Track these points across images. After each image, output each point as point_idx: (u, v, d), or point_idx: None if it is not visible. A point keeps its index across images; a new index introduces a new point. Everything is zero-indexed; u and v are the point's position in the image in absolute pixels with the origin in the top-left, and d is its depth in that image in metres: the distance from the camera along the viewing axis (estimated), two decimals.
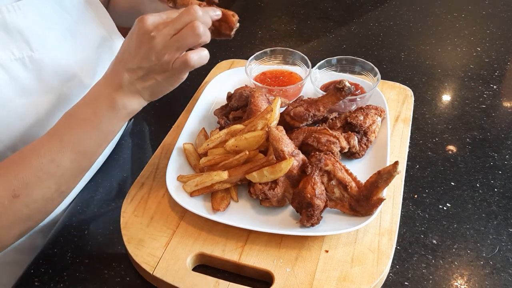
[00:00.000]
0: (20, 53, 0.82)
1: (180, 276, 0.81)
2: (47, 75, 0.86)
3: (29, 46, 0.83)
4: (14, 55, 0.82)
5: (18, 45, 0.82)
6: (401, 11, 1.63)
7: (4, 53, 0.80)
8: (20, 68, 0.82)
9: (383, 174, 0.83)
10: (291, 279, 0.80)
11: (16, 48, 0.82)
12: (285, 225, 0.87)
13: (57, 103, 0.89)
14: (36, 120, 0.86)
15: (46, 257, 0.91)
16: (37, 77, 0.85)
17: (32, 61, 0.83)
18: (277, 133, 0.88)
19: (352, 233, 0.86)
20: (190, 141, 1.04)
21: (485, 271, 0.84)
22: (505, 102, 1.24)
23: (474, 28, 1.52)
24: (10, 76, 0.81)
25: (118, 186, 1.05)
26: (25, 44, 0.83)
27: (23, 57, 0.82)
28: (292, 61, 1.20)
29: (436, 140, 1.11)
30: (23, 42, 0.82)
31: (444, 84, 1.30)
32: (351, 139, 0.97)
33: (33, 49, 0.83)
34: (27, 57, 0.83)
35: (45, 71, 0.85)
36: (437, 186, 1.00)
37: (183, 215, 0.92)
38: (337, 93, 0.98)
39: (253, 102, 1.01)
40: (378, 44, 1.47)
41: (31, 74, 0.84)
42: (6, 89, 0.81)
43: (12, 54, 0.81)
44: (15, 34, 0.82)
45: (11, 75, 0.81)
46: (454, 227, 0.92)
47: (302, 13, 1.66)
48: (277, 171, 0.86)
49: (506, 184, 1.00)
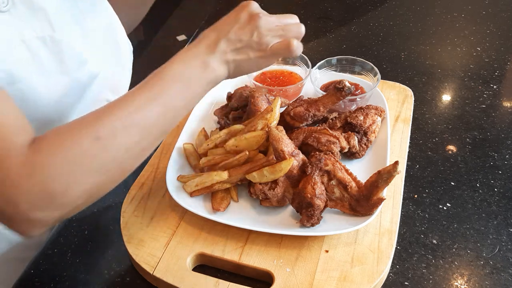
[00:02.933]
0: (42, 32, 0.82)
1: (180, 276, 0.81)
2: (64, 57, 0.86)
3: (51, 25, 0.83)
4: (36, 33, 0.81)
5: (41, 23, 0.82)
6: (401, 11, 1.63)
7: (28, 30, 0.80)
8: (41, 47, 0.82)
9: (383, 174, 0.83)
10: (291, 279, 0.80)
11: (39, 26, 0.82)
12: (285, 225, 0.87)
13: (71, 86, 0.89)
14: (51, 100, 0.85)
15: (46, 257, 0.91)
16: (56, 57, 0.85)
17: (52, 40, 0.83)
18: (277, 133, 0.88)
19: (352, 233, 0.86)
20: (190, 141, 1.04)
21: (485, 271, 0.84)
22: (505, 102, 1.24)
23: (474, 28, 1.52)
24: (31, 54, 0.81)
25: (118, 186, 1.05)
26: (47, 23, 0.82)
27: (45, 36, 0.82)
28: (292, 61, 1.20)
29: (436, 140, 1.11)
30: (46, 21, 0.82)
31: (444, 84, 1.30)
32: (351, 139, 0.97)
33: (55, 29, 0.83)
34: (48, 37, 0.83)
35: (64, 52, 0.85)
36: (437, 186, 1.00)
37: (183, 215, 0.92)
38: (337, 93, 0.98)
39: (253, 102, 1.01)
40: (378, 44, 1.47)
41: (51, 54, 0.84)
42: (27, 66, 0.80)
43: (35, 32, 0.81)
44: (39, 12, 0.82)
45: (32, 52, 0.81)
46: (454, 227, 0.92)
47: (302, 13, 1.66)
48: (277, 171, 0.86)
49: (506, 184, 1.00)
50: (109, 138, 0.69)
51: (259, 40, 0.82)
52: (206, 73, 0.80)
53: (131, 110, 0.72)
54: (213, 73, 0.81)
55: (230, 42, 0.81)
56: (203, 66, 0.80)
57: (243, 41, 0.82)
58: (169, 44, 3.27)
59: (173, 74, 0.78)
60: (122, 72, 1.06)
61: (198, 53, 0.80)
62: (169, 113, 0.77)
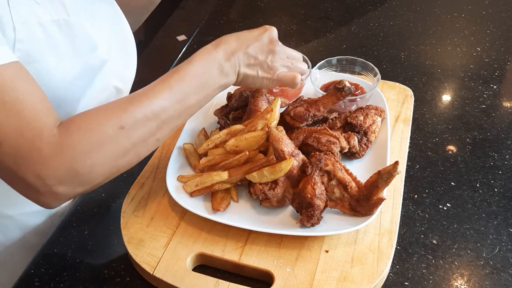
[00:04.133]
0: (57, 15, 0.84)
1: (180, 276, 0.81)
2: (77, 40, 0.88)
3: (65, 9, 0.85)
4: (52, 16, 0.84)
5: (55, 7, 0.84)
6: (401, 11, 1.63)
7: (44, 14, 0.82)
8: (56, 30, 0.84)
9: (383, 174, 0.83)
10: (291, 279, 0.80)
11: (53, 10, 0.84)
12: (285, 225, 0.87)
13: (83, 70, 0.91)
14: (63, 81, 0.88)
15: (46, 257, 0.91)
16: (70, 40, 0.87)
17: (67, 24, 0.85)
18: (277, 133, 0.88)
19: (352, 233, 0.86)
20: (190, 141, 1.04)
21: (485, 271, 0.85)
22: (505, 102, 1.24)
23: (474, 28, 1.52)
24: (47, 35, 0.83)
25: (118, 186, 1.05)
26: (62, 7, 0.85)
27: (59, 20, 0.84)
28: None
29: (436, 140, 1.11)
30: (61, 5, 0.85)
31: (444, 84, 1.30)
32: (351, 139, 0.97)
33: (69, 13, 0.86)
34: (63, 20, 0.85)
35: (76, 36, 0.87)
36: (437, 186, 1.00)
37: (183, 215, 0.92)
38: (337, 93, 0.98)
39: (253, 102, 1.01)
40: (378, 44, 1.47)
41: (65, 37, 0.86)
42: (43, 47, 0.83)
43: (50, 15, 0.83)
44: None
45: (48, 35, 0.83)
46: (454, 227, 0.92)
47: (302, 13, 1.66)
48: (277, 171, 0.86)
49: (506, 184, 1.00)
50: (132, 129, 0.77)
51: (271, 64, 0.92)
52: (220, 78, 0.87)
53: (152, 105, 0.79)
54: (226, 78, 0.88)
55: (247, 56, 0.90)
56: (220, 69, 0.87)
57: (257, 59, 0.91)
58: (169, 44, 3.27)
59: (192, 73, 0.85)
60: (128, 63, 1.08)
61: (217, 58, 0.87)
62: (184, 110, 0.84)
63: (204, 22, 1.64)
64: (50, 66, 0.85)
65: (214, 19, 1.65)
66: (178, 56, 1.45)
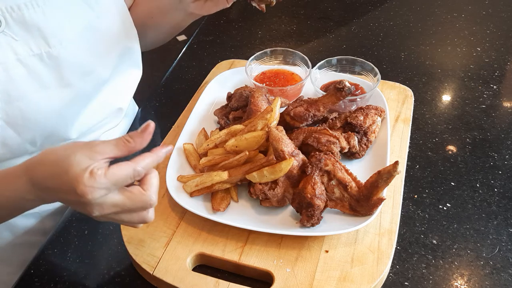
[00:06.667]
0: (38, 49, 0.84)
1: (180, 276, 0.81)
2: (65, 70, 0.88)
3: (46, 42, 0.85)
4: (32, 51, 0.83)
5: (36, 41, 0.84)
6: (401, 11, 1.63)
7: (23, 49, 0.82)
8: (38, 64, 0.84)
9: (383, 174, 0.83)
10: (291, 279, 0.80)
11: (34, 44, 0.83)
12: (285, 225, 0.87)
13: (74, 97, 0.90)
14: (52, 112, 0.87)
15: (46, 257, 0.91)
16: (55, 72, 0.86)
17: (49, 56, 0.85)
18: (277, 133, 0.88)
19: (352, 233, 0.86)
20: (190, 141, 1.04)
21: (485, 271, 0.84)
22: (505, 102, 1.24)
23: (474, 28, 1.52)
24: (28, 71, 0.83)
25: None
26: (43, 40, 0.84)
27: (41, 53, 0.84)
28: (292, 61, 1.20)
29: (436, 140, 1.11)
30: (41, 38, 0.84)
31: (444, 84, 1.30)
32: (351, 139, 0.97)
33: (51, 45, 0.85)
34: (45, 53, 0.85)
35: (63, 66, 0.87)
36: (437, 186, 1.00)
37: (183, 215, 0.92)
38: (337, 93, 0.98)
39: (253, 102, 1.01)
40: (378, 44, 1.47)
41: (49, 69, 0.86)
42: (24, 84, 0.82)
43: (31, 50, 0.83)
44: (34, 31, 0.83)
45: (29, 70, 0.83)
46: (454, 227, 0.92)
47: (302, 13, 1.66)
48: (277, 171, 0.86)
49: (506, 184, 1.00)
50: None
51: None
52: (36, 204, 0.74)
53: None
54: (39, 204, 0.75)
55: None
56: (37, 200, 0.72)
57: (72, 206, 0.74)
58: (169, 44, 3.26)
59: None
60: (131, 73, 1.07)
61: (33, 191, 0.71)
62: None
63: (204, 22, 1.64)
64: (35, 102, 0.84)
65: (214, 19, 1.65)
66: (178, 56, 1.45)
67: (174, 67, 1.41)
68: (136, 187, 0.67)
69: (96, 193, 0.62)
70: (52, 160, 0.65)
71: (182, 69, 1.40)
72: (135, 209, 0.68)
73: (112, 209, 0.66)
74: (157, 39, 1.18)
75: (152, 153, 0.68)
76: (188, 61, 1.44)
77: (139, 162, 0.66)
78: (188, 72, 1.38)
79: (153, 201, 0.68)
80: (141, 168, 0.66)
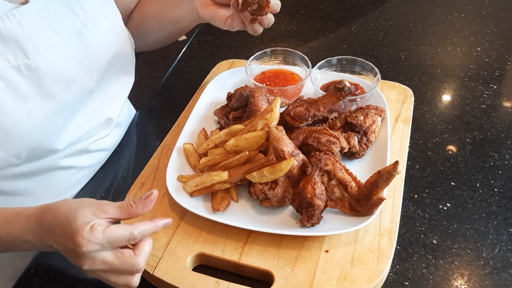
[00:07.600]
0: (16, 61, 0.82)
1: (180, 276, 0.81)
2: (45, 81, 0.86)
3: (24, 53, 0.83)
4: (9, 63, 0.82)
5: (13, 52, 0.82)
6: (401, 11, 1.63)
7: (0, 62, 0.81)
8: (16, 76, 0.82)
9: (383, 174, 0.83)
10: (291, 279, 0.80)
11: (11, 56, 0.82)
12: (285, 225, 0.87)
13: (57, 108, 0.89)
14: (35, 125, 0.86)
15: (46, 257, 0.91)
16: (34, 83, 0.85)
17: (28, 68, 0.83)
18: (277, 133, 0.88)
19: (352, 233, 0.86)
20: (190, 141, 1.04)
21: (485, 271, 0.84)
22: (505, 102, 1.24)
23: (474, 28, 1.52)
24: (6, 84, 0.81)
25: (118, 186, 1.05)
26: (20, 52, 0.83)
27: (19, 65, 0.82)
28: (292, 61, 1.20)
29: (436, 140, 1.11)
30: (19, 50, 0.82)
31: (444, 84, 1.30)
32: (351, 139, 0.97)
33: (29, 56, 0.83)
34: (23, 65, 0.83)
35: (43, 77, 0.85)
36: (437, 186, 1.00)
37: (183, 215, 0.92)
38: (337, 93, 0.98)
39: (253, 102, 1.01)
40: (378, 44, 1.47)
41: (28, 81, 0.84)
42: (2, 97, 0.81)
43: (8, 62, 0.81)
44: (11, 42, 0.82)
45: (7, 82, 0.81)
46: (454, 227, 0.92)
47: (302, 13, 1.66)
48: (277, 171, 0.86)
49: (506, 184, 1.00)
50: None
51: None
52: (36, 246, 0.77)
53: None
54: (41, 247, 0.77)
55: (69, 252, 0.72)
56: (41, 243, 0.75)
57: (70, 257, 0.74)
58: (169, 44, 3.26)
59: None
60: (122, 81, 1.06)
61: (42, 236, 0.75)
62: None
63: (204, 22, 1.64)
64: (16, 115, 0.83)
65: None
66: (178, 56, 1.45)
67: (174, 67, 1.41)
68: (128, 250, 0.71)
69: (91, 247, 0.68)
70: (63, 210, 0.71)
71: (182, 69, 1.40)
72: (122, 271, 0.71)
73: (101, 266, 0.70)
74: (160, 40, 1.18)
75: (152, 222, 0.73)
76: (188, 61, 1.44)
77: (137, 227, 0.71)
78: (188, 72, 1.38)
79: (141, 266, 0.71)
80: (138, 233, 0.71)
